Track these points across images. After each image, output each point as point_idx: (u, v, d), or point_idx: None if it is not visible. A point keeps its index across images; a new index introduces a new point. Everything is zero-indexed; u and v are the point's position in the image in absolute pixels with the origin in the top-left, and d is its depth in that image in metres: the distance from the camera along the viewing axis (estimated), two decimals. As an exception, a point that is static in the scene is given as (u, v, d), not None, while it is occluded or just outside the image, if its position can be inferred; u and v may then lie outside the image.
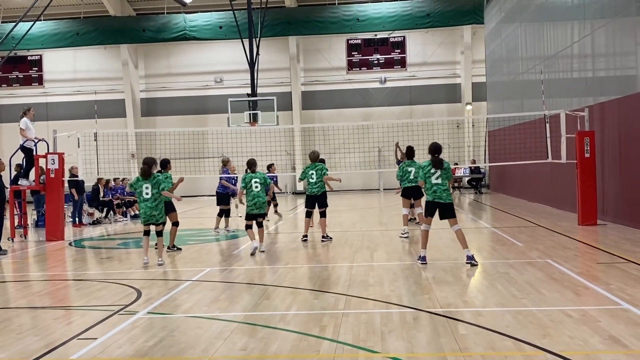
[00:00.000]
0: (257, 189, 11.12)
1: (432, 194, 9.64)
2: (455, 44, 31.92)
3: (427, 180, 9.66)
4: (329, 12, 31.28)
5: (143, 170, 10.38)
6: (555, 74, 18.41)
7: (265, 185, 11.33)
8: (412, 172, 12.84)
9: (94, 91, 33.14)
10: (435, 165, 9.65)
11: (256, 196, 11.14)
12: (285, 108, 31.04)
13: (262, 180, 11.21)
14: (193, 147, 27.10)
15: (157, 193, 10.34)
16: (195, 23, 31.59)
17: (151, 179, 10.36)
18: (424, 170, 9.74)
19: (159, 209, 10.41)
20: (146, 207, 10.34)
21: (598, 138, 14.26)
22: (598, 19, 14.94)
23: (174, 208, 12.45)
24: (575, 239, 11.91)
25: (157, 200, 10.35)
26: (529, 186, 21.34)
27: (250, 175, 11.22)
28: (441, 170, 9.62)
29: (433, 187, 9.62)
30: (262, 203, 11.22)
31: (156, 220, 10.41)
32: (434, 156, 9.76)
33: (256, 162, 11.54)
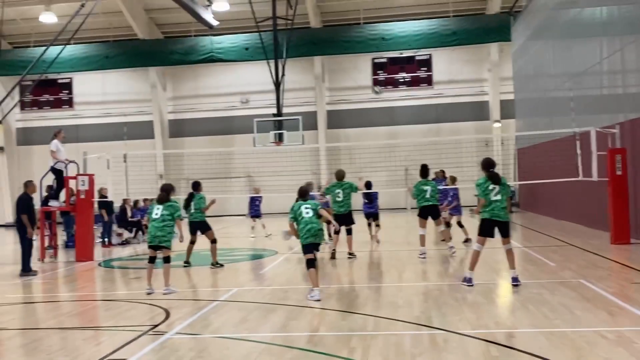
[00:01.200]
0: (309, 214, 9.24)
1: (490, 212, 9.12)
2: (482, 61, 31.77)
3: (487, 197, 9.15)
4: (354, 32, 31.38)
5: (159, 197, 10.10)
6: (585, 91, 18.18)
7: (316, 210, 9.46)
8: (428, 190, 12.75)
9: (123, 113, 33.66)
10: (494, 180, 9.16)
11: (309, 222, 9.16)
12: (311, 127, 31.12)
13: (314, 206, 9.48)
14: (220, 167, 27.28)
15: (168, 216, 9.87)
16: (222, 45, 31.93)
17: (166, 204, 9.98)
18: (482, 187, 9.21)
19: (165, 232, 9.83)
20: (152, 227, 9.90)
21: (630, 155, 14.00)
22: (628, 34, 14.75)
23: (209, 226, 12.68)
24: (608, 258, 11.65)
25: (165, 222, 9.84)
26: (559, 205, 21.00)
27: (299, 202, 9.53)
28: (500, 185, 9.14)
29: (492, 204, 9.10)
30: (319, 230, 9.27)
31: (159, 241, 9.81)
32: (489, 171, 9.26)
33: (309, 191, 9.96)
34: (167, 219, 9.87)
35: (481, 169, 9.43)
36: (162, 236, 9.82)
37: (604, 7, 16.62)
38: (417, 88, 32.09)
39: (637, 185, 14.03)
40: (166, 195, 10.09)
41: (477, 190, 9.31)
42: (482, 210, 9.26)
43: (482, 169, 9.39)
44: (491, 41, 30.52)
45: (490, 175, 9.21)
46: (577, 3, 18.64)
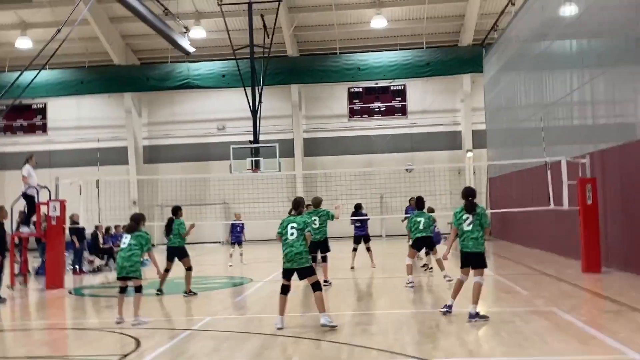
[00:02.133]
0: (293, 236, 8.71)
1: (461, 243, 9.06)
2: (455, 92, 32.27)
3: (459, 228, 9.04)
4: (331, 62, 31.73)
5: (128, 226, 9.85)
6: (555, 122, 18.54)
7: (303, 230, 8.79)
8: (421, 222, 12.92)
9: (97, 139, 33.39)
10: (468, 209, 9.02)
11: (289, 246, 8.72)
12: (287, 155, 31.19)
13: (301, 224, 8.82)
14: (195, 194, 27.12)
15: (136, 245, 9.58)
16: (199, 72, 32.03)
17: (134, 234, 9.69)
18: (457, 217, 9.10)
19: (132, 262, 9.48)
20: (119, 257, 9.63)
21: (600, 185, 14.26)
22: (597, 67, 15.14)
23: (187, 253, 12.53)
24: (580, 286, 11.79)
25: (132, 252, 9.51)
26: (531, 233, 21.24)
27: (288, 218, 8.95)
28: (473, 215, 8.97)
29: (463, 235, 9.00)
30: (296, 254, 8.66)
31: (127, 272, 9.48)
32: (467, 200, 9.14)
33: (303, 203, 9.17)
34: (134, 249, 9.54)
35: (461, 197, 9.32)
36: (129, 266, 9.49)
37: (574, 40, 17.06)
38: (392, 117, 32.43)
39: (607, 215, 14.28)
40: (135, 224, 9.78)
41: (453, 218, 9.27)
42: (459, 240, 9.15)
43: (462, 198, 9.29)
44: (464, 72, 31.10)
45: (466, 205, 9.11)
46: (547, 36, 19.10)
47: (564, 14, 17.79)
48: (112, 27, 31.34)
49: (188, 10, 30.35)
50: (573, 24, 16.84)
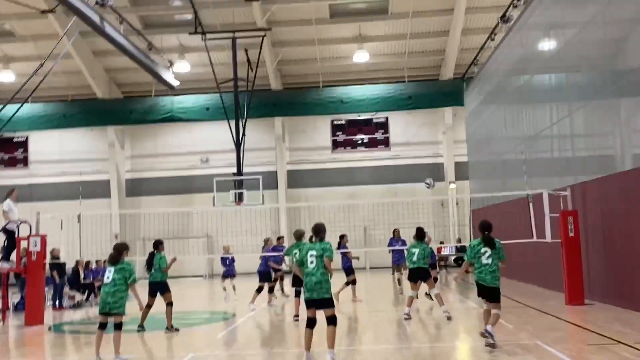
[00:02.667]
0: (313, 264, 8.33)
1: (478, 275, 9.19)
2: (437, 124, 32.61)
3: (477, 261, 9.15)
4: (314, 95, 32.00)
5: (111, 256, 9.50)
6: (536, 154, 18.76)
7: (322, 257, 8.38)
8: (415, 253, 12.84)
9: (79, 172, 33.16)
10: (487, 243, 9.15)
11: (309, 274, 8.33)
12: (271, 187, 31.20)
13: (320, 251, 8.41)
14: (178, 227, 26.99)
15: (120, 280, 9.21)
16: (183, 105, 32.11)
17: (117, 265, 9.34)
18: (474, 250, 9.21)
19: (117, 297, 9.14)
20: (103, 292, 9.24)
21: (581, 217, 14.39)
22: (576, 100, 15.39)
23: (168, 288, 12.36)
24: (564, 319, 11.80)
25: (117, 286, 9.17)
26: (515, 265, 21.26)
27: (307, 246, 8.60)
28: (492, 249, 9.11)
29: (480, 268, 9.15)
30: (316, 284, 8.27)
31: (110, 308, 9.13)
32: (484, 234, 9.24)
33: (322, 228, 8.72)
34: (118, 283, 9.21)
35: (479, 229, 9.48)
36: (113, 302, 9.15)
37: (553, 74, 17.38)
38: (375, 149, 32.64)
39: (589, 247, 14.38)
40: (118, 255, 9.42)
41: (468, 251, 9.39)
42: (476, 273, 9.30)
43: (479, 230, 9.43)
44: (445, 105, 31.52)
45: (485, 239, 9.23)
46: (527, 70, 19.44)
47: (543, 49, 18.15)
48: (96, 61, 31.43)
49: (172, 45, 30.55)
50: (552, 58, 17.17)
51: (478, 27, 29.29)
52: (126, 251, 9.61)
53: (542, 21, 17.85)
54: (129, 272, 9.32)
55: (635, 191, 12.09)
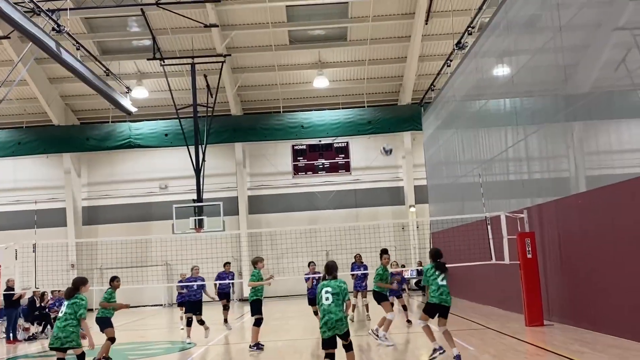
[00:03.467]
0: (328, 301, 8.30)
1: (439, 297, 9.93)
2: (396, 148, 32.92)
3: (433, 283, 9.99)
4: (274, 120, 32.07)
5: (67, 290, 9.32)
6: (493, 177, 19.10)
7: (343, 296, 8.41)
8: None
9: (35, 200, 32.39)
10: (440, 268, 10.07)
11: (327, 312, 8.27)
12: (232, 213, 30.99)
13: (336, 289, 8.41)
14: (136, 256, 26.48)
15: (71, 314, 8.98)
16: (141, 131, 31.79)
17: (71, 299, 9.17)
18: (428, 274, 10.09)
19: (67, 332, 8.89)
20: (55, 326, 9.09)
21: (538, 239, 14.66)
22: (530, 124, 15.78)
23: (111, 324, 11.96)
24: (524, 340, 11.94)
25: (68, 321, 8.95)
26: (474, 287, 21.53)
27: (322, 283, 8.59)
28: (445, 273, 10.06)
29: (440, 289, 9.95)
30: (337, 321, 8.19)
31: (61, 343, 8.86)
32: (436, 261, 10.18)
33: (335, 266, 8.71)
34: (69, 318, 9.00)
35: (429, 257, 10.46)
36: (64, 337, 8.89)
37: (507, 99, 17.80)
38: (335, 174, 32.77)
39: (547, 268, 14.65)
40: (74, 290, 9.24)
41: (424, 276, 10.30)
42: (430, 295, 10.06)
43: (430, 258, 10.42)
44: (404, 130, 31.95)
45: (438, 264, 10.16)
46: (482, 95, 19.88)
47: (498, 75, 18.61)
48: (52, 87, 30.96)
49: (130, 71, 30.34)
50: (506, 84, 17.61)
51: (434, 53, 29.91)
52: (83, 286, 9.37)
53: (495, 48, 18.32)
54: (79, 306, 9.10)
55: (590, 212, 12.40)
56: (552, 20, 14.25)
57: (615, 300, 11.38)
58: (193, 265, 16.44)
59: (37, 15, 17.95)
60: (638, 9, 11.39)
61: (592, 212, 12.27)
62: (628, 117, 12.34)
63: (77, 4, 24.97)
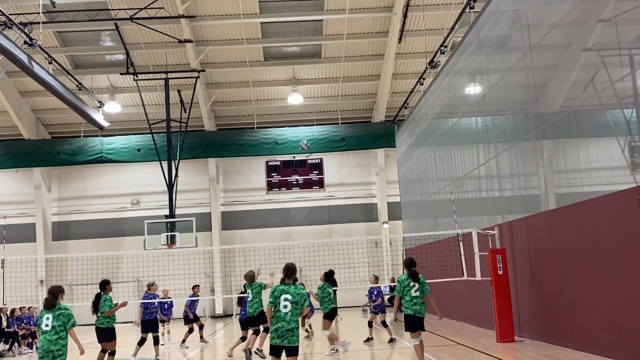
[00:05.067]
0: (287, 309, 7.97)
1: (413, 307, 9.90)
2: (370, 165, 33.14)
3: (407, 294, 9.93)
4: (248, 136, 32.04)
5: (46, 301, 8.99)
6: (465, 194, 19.31)
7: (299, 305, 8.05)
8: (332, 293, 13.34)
9: (3, 215, 31.76)
10: (414, 278, 10.00)
11: (281, 319, 7.97)
12: (205, 229, 30.80)
13: (296, 297, 8.04)
14: (106, 272, 26.03)
15: (60, 326, 8.80)
16: (113, 146, 31.50)
17: (54, 310, 8.91)
18: (403, 285, 10.01)
19: (59, 345, 8.72)
20: (44, 340, 8.74)
21: (509, 255, 14.83)
22: (501, 142, 16.02)
23: (114, 336, 11.76)
24: (496, 356, 12.03)
25: (59, 334, 8.76)
26: (447, 303, 21.60)
27: (281, 288, 8.14)
28: (419, 283, 9.97)
29: (413, 300, 9.90)
30: (288, 331, 7.90)
31: (54, 356, 8.69)
32: (410, 270, 10.12)
33: (295, 269, 8.29)
34: (59, 330, 8.78)
35: (404, 267, 10.43)
36: (56, 350, 8.69)
37: (479, 117, 18.07)
38: (309, 190, 32.78)
39: (517, 284, 14.81)
40: (54, 299, 8.95)
41: (397, 286, 10.17)
42: (405, 306, 10.04)
43: (405, 267, 10.38)
44: (377, 147, 32.13)
45: (412, 274, 10.09)
46: (454, 113, 20.13)
47: (469, 93, 18.90)
48: (23, 101, 30.55)
49: (103, 85, 30.12)
50: (478, 102, 17.88)
51: (408, 71, 30.25)
52: (62, 294, 9.16)
53: (467, 67, 18.62)
54: (67, 316, 8.89)
55: (559, 229, 12.60)
56: (522, 40, 14.57)
57: (585, 316, 11.55)
58: (151, 282, 16.05)
59: (9, 28, 17.79)
60: (606, 30, 11.70)
61: (562, 229, 12.47)
62: (596, 136, 12.64)
63: (50, 17, 24.77)
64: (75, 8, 25.05)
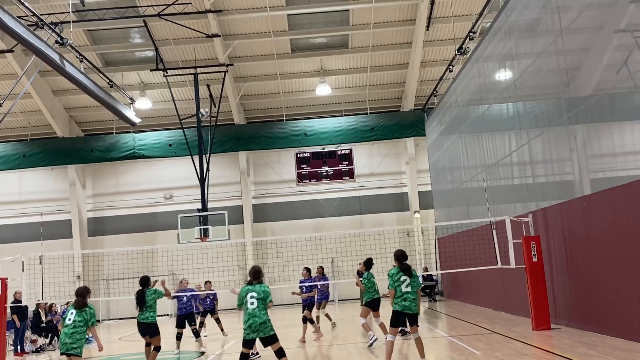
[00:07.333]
0: (253, 305, 8.84)
1: (402, 303, 9.37)
2: (399, 154, 32.98)
3: (398, 289, 9.44)
4: (277, 128, 32.14)
5: (76, 302, 9.48)
6: (498, 182, 19.11)
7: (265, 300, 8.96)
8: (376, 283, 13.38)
9: (40, 212, 32.47)
10: (406, 272, 9.51)
11: (252, 316, 8.82)
12: (237, 222, 31.04)
13: (261, 294, 8.94)
14: (142, 266, 26.47)
15: (81, 322, 9.30)
16: (145, 142, 31.89)
17: (81, 309, 9.41)
18: (393, 279, 9.49)
19: (74, 339, 9.22)
20: (63, 333, 9.42)
21: (544, 242, 14.66)
22: (533, 128, 15.80)
23: (158, 331, 11.90)
24: (532, 344, 11.92)
25: (77, 328, 9.27)
26: (481, 292, 21.51)
27: (246, 288, 9.06)
28: (411, 278, 9.46)
29: (403, 295, 9.38)
30: (261, 324, 8.79)
31: (67, 349, 9.20)
32: (402, 263, 9.60)
33: (261, 271, 9.29)
34: (78, 325, 9.29)
35: (394, 260, 9.79)
36: (70, 344, 9.21)
37: (510, 103, 17.83)
38: (339, 181, 32.79)
39: (553, 271, 14.63)
40: (83, 300, 9.49)
41: (389, 280, 9.65)
42: (394, 302, 9.53)
43: (395, 260, 9.76)
44: (407, 136, 31.96)
45: (403, 267, 9.56)
46: (485, 100, 19.91)
47: (500, 79, 18.65)
48: (56, 99, 31.11)
49: (133, 82, 30.48)
50: (509, 88, 17.64)
51: (436, 59, 29.98)
52: (89, 294, 9.68)
53: (497, 52, 18.37)
54: (89, 314, 9.42)
55: (594, 215, 12.40)
56: (553, 24, 14.30)
57: (622, 302, 11.36)
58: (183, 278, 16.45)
59: (41, 28, 18.07)
60: (639, 10, 11.42)
61: (597, 215, 12.27)
62: (631, 119, 12.36)
63: (79, 16, 25.13)
64: (104, 6, 25.38)
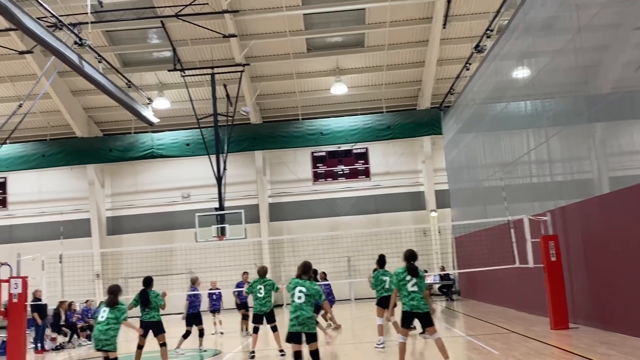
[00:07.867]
0: (301, 300, 8.68)
1: (410, 303, 9.26)
2: (416, 153, 32.90)
3: (403, 288, 9.33)
4: (293, 127, 32.20)
5: (109, 300, 9.86)
6: (516, 180, 19.00)
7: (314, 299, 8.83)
8: (387, 281, 12.98)
9: (60, 212, 32.86)
10: (411, 272, 9.36)
11: (298, 308, 8.64)
12: (253, 220, 31.15)
13: (311, 291, 8.79)
14: (160, 264, 26.72)
15: (113, 319, 9.71)
16: (163, 141, 32.12)
17: (113, 307, 9.81)
18: (399, 278, 9.40)
19: (108, 335, 9.64)
20: (97, 330, 9.78)
21: (562, 241, 14.55)
22: (552, 126, 15.69)
23: (163, 328, 12.07)
24: (550, 344, 11.85)
25: (110, 325, 9.67)
26: (499, 291, 21.40)
27: (296, 280, 8.92)
28: (417, 278, 9.32)
29: (410, 295, 9.26)
30: (308, 318, 8.63)
31: (102, 345, 9.64)
32: (409, 263, 9.48)
33: (311, 266, 9.16)
34: (112, 322, 9.70)
35: (403, 259, 9.66)
36: (104, 340, 9.62)
37: (528, 101, 17.72)
38: (355, 180, 32.78)
39: (571, 270, 14.52)
40: (115, 298, 9.90)
41: (393, 278, 9.62)
42: (402, 302, 9.41)
43: (404, 260, 9.63)
44: (423, 135, 31.84)
45: (410, 268, 9.44)
46: (502, 98, 19.80)
47: (517, 77, 18.54)
48: (74, 100, 31.42)
49: (151, 82, 30.70)
50: (526, 86, 17.53)
51: (453, 57, 29.85)
52: (120, 292, 10.10)
53: (514, 50, 18.27)
54: (121, 311, 9.85)
55: (613, 214, 12.30)
56: (571, 21, 14.20)
57: (642, 302, 11.25)
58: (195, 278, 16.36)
59: (59, 29, 18.25)
60: (658, 8, 11.32)
61: (616, 213, 12.17)
62: (650, 117, 12.25)
63: (98, 17, 25.36)
64: (122, 7, 25.59)
